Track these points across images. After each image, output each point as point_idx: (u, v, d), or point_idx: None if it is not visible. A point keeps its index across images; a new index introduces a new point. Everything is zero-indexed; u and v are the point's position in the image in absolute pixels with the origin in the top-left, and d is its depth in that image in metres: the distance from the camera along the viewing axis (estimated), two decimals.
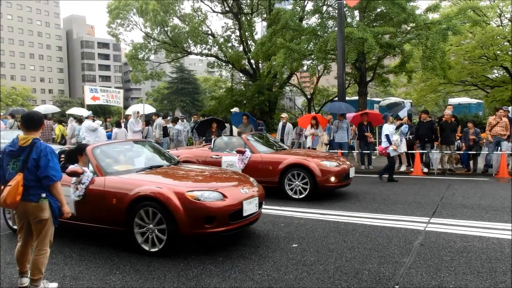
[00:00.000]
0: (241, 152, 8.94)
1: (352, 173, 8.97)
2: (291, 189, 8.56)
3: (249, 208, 5.30)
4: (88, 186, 5.39)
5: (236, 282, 4.22)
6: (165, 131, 15.20)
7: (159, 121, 15.39)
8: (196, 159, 9.55)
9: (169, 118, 17.08)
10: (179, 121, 16.42)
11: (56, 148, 12.63)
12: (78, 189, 5.36)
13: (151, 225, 5.01)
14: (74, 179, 5.40)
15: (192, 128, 15.52)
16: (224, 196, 5.07)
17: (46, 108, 22.84)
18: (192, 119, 17.34)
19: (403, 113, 13.09)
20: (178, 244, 5.03)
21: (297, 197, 8.46)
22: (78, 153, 5.77)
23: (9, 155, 3.84)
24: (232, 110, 17.49)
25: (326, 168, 8.35)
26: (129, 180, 5.38)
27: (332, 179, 8.32)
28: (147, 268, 4.67)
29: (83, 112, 22.50)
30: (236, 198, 5.17)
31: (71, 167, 5.40)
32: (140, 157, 6.55)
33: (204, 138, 13.99)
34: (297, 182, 8.50)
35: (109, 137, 14.85)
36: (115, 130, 14.99)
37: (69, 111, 22.52)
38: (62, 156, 6.38)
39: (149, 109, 19.95)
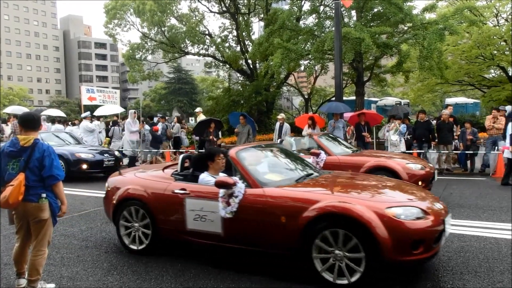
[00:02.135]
0: (316, 154, 7.83)
1: (436, 177, 8.25)
2: None
3: (449, 228, 4.33)
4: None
5: (234, 283, 4.21)
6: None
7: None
8: None
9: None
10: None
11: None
12: (230, 204, 4.39)
13: (338, 251, 3.95)
14: (222, 191, 4.45)
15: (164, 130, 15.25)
16: (426, 213, 4.05)
17: (13, 109, 21.45)
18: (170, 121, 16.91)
19: None
20: (377, 275, 3.96)
21: None
22: (208, 159, 5.00)
23: (9, 156, 3.82)
24: (196, 110, 16.90)
25: (412, 172, 7.58)
26: (301, 193, 4.37)
27: (419, 183, 7.39)
28: (145, 268, 4.66)
29: (57, 113, 22.35)
30: (437, 215, 4.12)
31: (220, 177, 4.55)
32: (282, 163, 5.52)
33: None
34: None
35: None
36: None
37: (44, 112, 22.05)
38: (187, 161, 5.53)
39: (116, 109, 19.75)
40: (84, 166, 11.43)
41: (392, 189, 4.74)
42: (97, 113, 19.35)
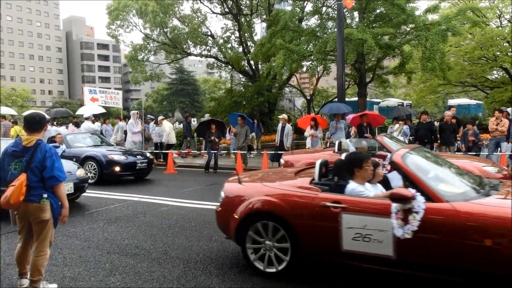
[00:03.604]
0: (382, 157, 6.70)
1: None
2: None
3: None
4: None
5: (236, 284, 4.22)
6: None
7: (121, 124, 15.64)
8: None
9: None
10: (152, 123, 16.57)
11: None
12: (408, 221, 3.58)
13: None
14: (395, 206, 3.67)
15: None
16: None
17: (4, 110, 21.21)
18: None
19: None
20: None
21: None
22: (355, 165, 4.25)
23: (11, 156, 3.84)
24: (159, 118, 16.71)
25: (491, 175, 6.83)
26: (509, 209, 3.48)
27: None
28: (147, 269, 4.66)
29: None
30: None
31: (397, 189, 3.80)
32: (444, 170, 4.59)
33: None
34: None
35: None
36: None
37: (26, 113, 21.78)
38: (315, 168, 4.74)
39: (96, 109, 19.72)
40: (117, 169, 11.04)
41: None
42: (79, 112, 19.17)
